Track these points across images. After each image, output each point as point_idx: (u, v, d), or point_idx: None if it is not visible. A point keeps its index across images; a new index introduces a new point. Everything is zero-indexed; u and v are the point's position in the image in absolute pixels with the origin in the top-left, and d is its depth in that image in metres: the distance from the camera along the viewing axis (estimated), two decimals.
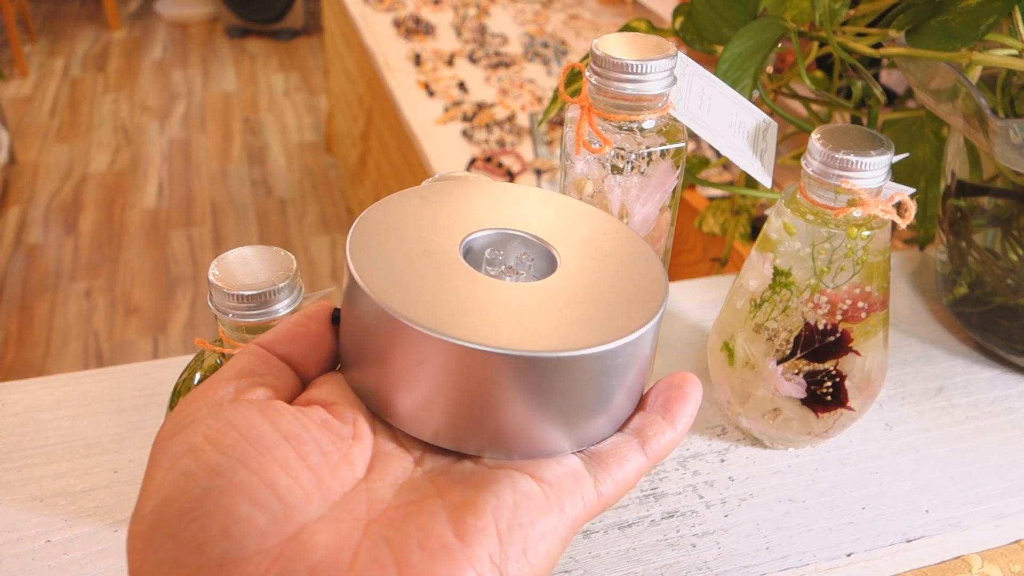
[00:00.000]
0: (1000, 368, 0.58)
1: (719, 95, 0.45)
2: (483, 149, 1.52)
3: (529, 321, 0.25)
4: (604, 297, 0.27)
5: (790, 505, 0.47)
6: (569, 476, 0.26)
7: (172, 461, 0.24)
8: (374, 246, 0.27)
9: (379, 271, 0.26)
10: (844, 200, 0.42)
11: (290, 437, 0.25)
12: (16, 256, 2.22)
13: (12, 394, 0.51)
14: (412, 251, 0.28)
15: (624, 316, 0.26)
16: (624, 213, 0.42)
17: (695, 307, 0.61)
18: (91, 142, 2.74)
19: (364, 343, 0.27)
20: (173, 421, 0.25)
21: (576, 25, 2.09)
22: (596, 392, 0.26)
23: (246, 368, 0.27)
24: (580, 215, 0.31)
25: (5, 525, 0.43)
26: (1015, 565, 0.46)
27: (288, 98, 3.10)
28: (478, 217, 0.30)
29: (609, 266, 0.29)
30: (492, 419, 0.25)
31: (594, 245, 0.30)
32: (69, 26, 3.57)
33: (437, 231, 0.29)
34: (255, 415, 0.25)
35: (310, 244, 2.32)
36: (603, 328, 0.26)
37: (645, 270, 0.29)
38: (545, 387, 0.25)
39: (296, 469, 0.24)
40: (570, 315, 0.26)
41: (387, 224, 0.29)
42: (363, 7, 2.09)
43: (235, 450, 0.24)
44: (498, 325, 0.25)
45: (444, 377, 0.25)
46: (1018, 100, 0.52)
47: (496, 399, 0.25)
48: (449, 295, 0.26)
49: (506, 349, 0.24)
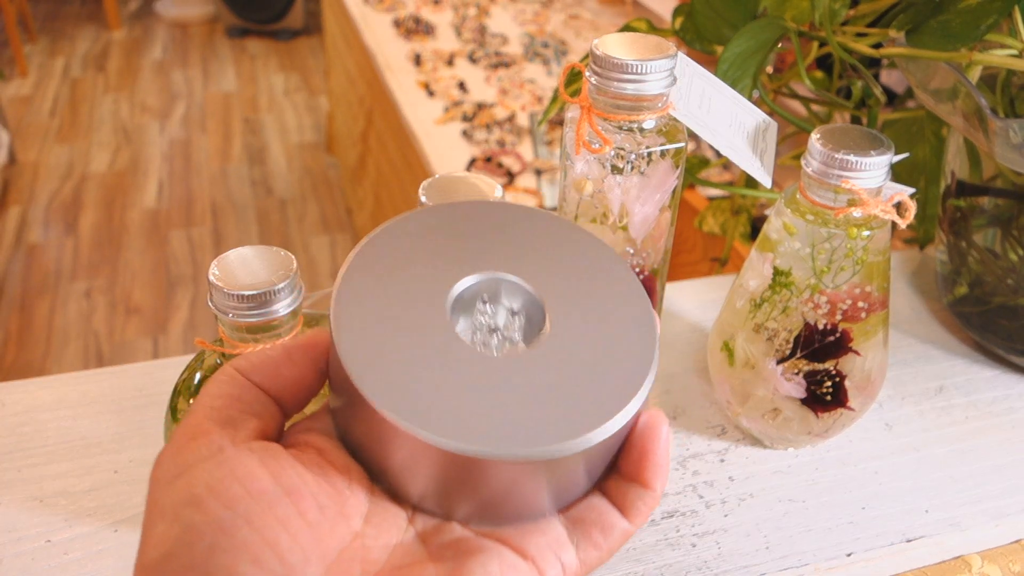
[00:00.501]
0: (1000, 368, 0.58)
1: (719, 95, 0.45)
2: (483, 149, 1.52)
3: (514, 413, 0.25)
4: (590, 375, 0.26)
5: (790, 505, 0.47)
6: (552, 548, 0.27)
7: (175, 511, 0.24)
8: (361, 298, 0.27)
9: (361, 337, 0.26)
10: (844, 200, 0.42)
11: (290, 492, 0.25)
12: (16, 256, 2.22)
13: (12, 394, 0.51)
14: (399, 306, 0.27)
15: (609, 400, 0.26)
16: (624, 213, 0.42)
17: (695, 307, 0.61)
18: (91, 142, 2.74)
19: (345, 411, 0.27)
20: (172, 462, 0.25)
21: (576, 25, 2.09)
22: (579, 471, 0.27)
23: (232, 395, 0.27)
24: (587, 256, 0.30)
25: (5, 525, 0.43)
26: (1015, 565, 0.46)
27: (288, 98, 3.10)
28: (472, 256, 0.29)
29: (599, 337, 0.28)
30: (475, 500, 0.26)
31: (588, 303, 0.29)
32: (69, 26, 3.57)
33: (428, 276, 0.28)
34: (257, 466, 0.25)
35: (310, 244, 2.32)
36: (587, 417, 0.25)
37: (637, 338, 0.28)
38: (528, 477, 0.25)
39: (296, 527, 0.24)
40: (554, 403, 0.25)
41: (377, 267, 0.28)
42: (363, 7, 2.09)
43: (239, 505, 0.24)
44: (483, 421, 0.25)
45: (427, 468, 0.25)
46: (1018, 100, 0.52)
47: (479, 488, 0.25)
48: (435, 380, 0.25)
49: (491, 453, 0.24)
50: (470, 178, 0.41)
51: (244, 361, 0.28)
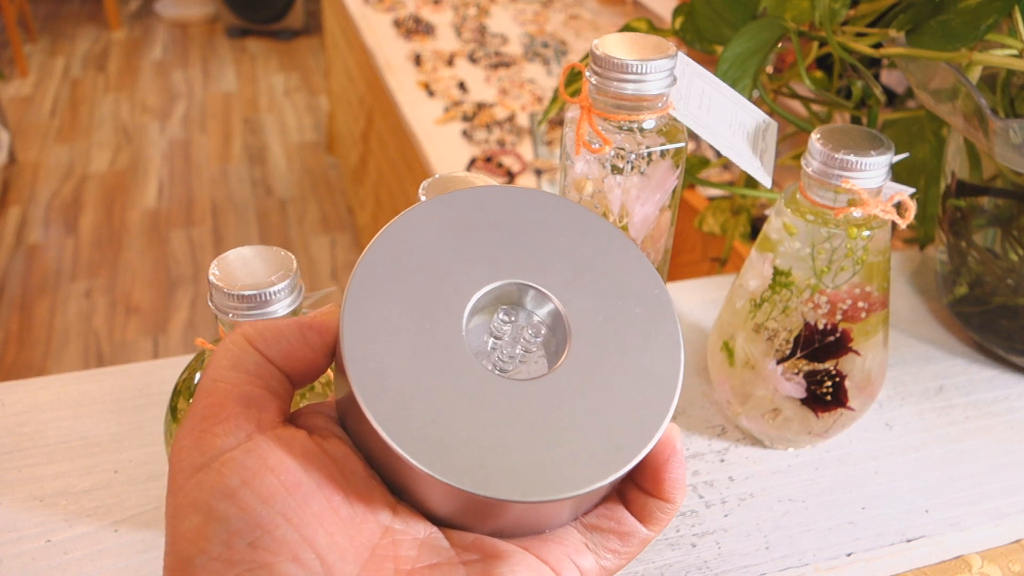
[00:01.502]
0: (1000, 368, 0.58)
1: (719, 95, 0.45)
2: (483, 149, 1.52)
3: (521, 449, 0.24)
4: (614, 405, 0.25)
5: (790, 505, 0.47)
6: (570, 555, 0.27)
7: (208, 503, 0.23)
8: (372, 309, 0.25)
9: (373, 359, 0.25)
10: (844, 200, 0.42)
11: (323, 485, 0.24)
12: (16, 256, 2.22)
13: (12, 394, 0.51)
14: (412, 320, 0.25)
15: (633, 433, 0.25)
16: (624, 213, 0.42)
17: (695, 307, 0.61)
18: (91, 142, 2.74)
19: (361, 439, 0.26)
20: (198, 448, 0.24)
21: (576, 25, 2.09)
22: (592, 501, 0.27)
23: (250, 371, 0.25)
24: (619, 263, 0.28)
25: (5, 525, 0.43)
26: (1015, 565, 0.46)
27: (288, 98, 3.10)
28: (492, 259, 0.27)
29: (621, 364, 0.26)
30: (494, 527, 0.26)
31: (613, 316, 0.27)
32: (69, 26, 3.57)
33: (443, 283, 0.26)
34: (287, 458, 0.24)
35: (310, 244, 2.32)
36: (611, 454, 0.25)
37: (659, 368, 0.26)
38: (548, 512, 0.25)
39: (331, 523, 0.24)
40: (577, 438, 0.25)
41: (389, 271, 0.26)
42: (363, 7, 2.09)
43: (275, 500, 0.23)
44: (504, 462, 0.24)
45: (443, 503, 0.25)
46: (1018, 100, 0.52)
47: (498, 521, 0.25)
48: (443, 405, 0.24)
49: (494, 494, 0.23)
50: (470, 178, 0.41)
51: (252, 331, 0.26)
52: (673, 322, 0.28)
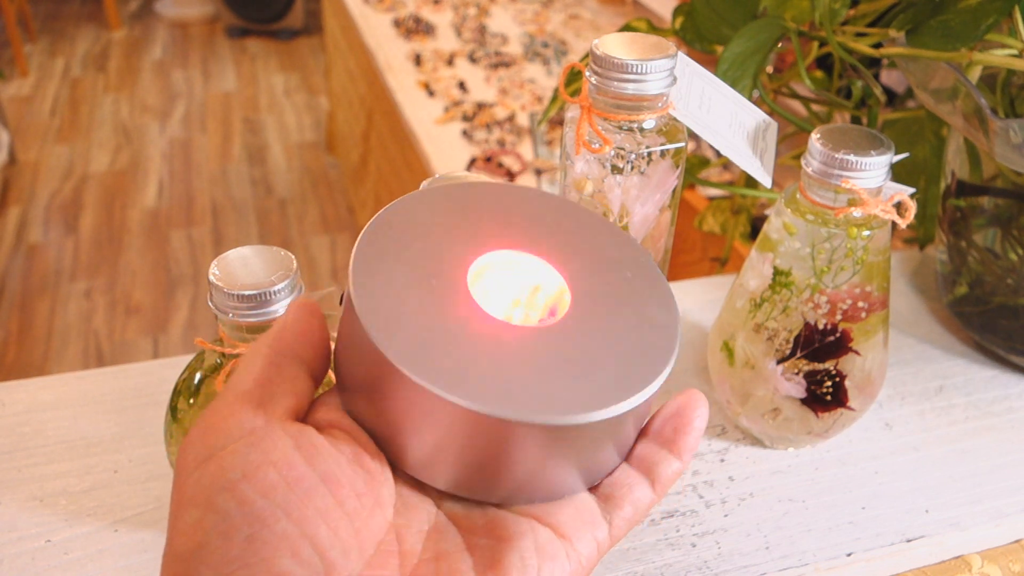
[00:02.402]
0: (1000, 368, 0.58)
1: (719, 95, 0.45)
2: (483, 149, 1.52)
3: (536, 378, 0.25)
4: (614, 349, 0.26)
5: (790, 505, 0.47)
6: (585, 523, 0.26)
7: (208, 497, 0.23)
8: (378, 267, 0.26)
9: (383, 307, 0.25)
10: (844, 200, 0.42)
11: (327, 479, 0.24)
12: (16, 256, 2.22)
13: (12, 394, 0.51)
14: (418, 277, 0.26)
15: (634, 372, 0.26)
16: (624, 213, 0.42)
17: (695, 307, 0.61)
18: (91, 142, 2.74)
19: (366, 385, 0.26)
20: (202, 443, 0.24)
21: (576, 25, 2.09)
22: (607, 444, 0.26)
23: (264, 375, 0.26)
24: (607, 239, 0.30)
25: (5, 525, 0.43)
26: (1015, 565, 0.46)
27: (288, 98, 3.10)
28: (491, 233, 0.29)
29: (623, 313, 0.28)
30: (506, 475, 0.25)
31: (612, 283, 0.29)
32: (69, 26, 3.57)
33: (446, 250, 0.27)
34: (292, 451, 0.24)
35: (310, 244, 2.32)
36: (612, 388, 0.25)
37: (659, 321, 0.28)
38: (556, 447, 0.25)
39: (335, 518, 0.23)
40: (584, 372, 0.25)
41: (394, 238, 0.27)
42: (363, 7, 2.09)
43: (276, 494, 0.23)
44: (508, 384, 0.24)
45: (459, 439, 0.24)
46: (1018, 100, 0.52)
47: (510, 460, 0.25)
48: (456, 342, 0.25)
49: (515, 415, 0.23)
50: (470, 178, 0.41)
51: (274, 332, 0.27)
52: (664, 282, 0.29)
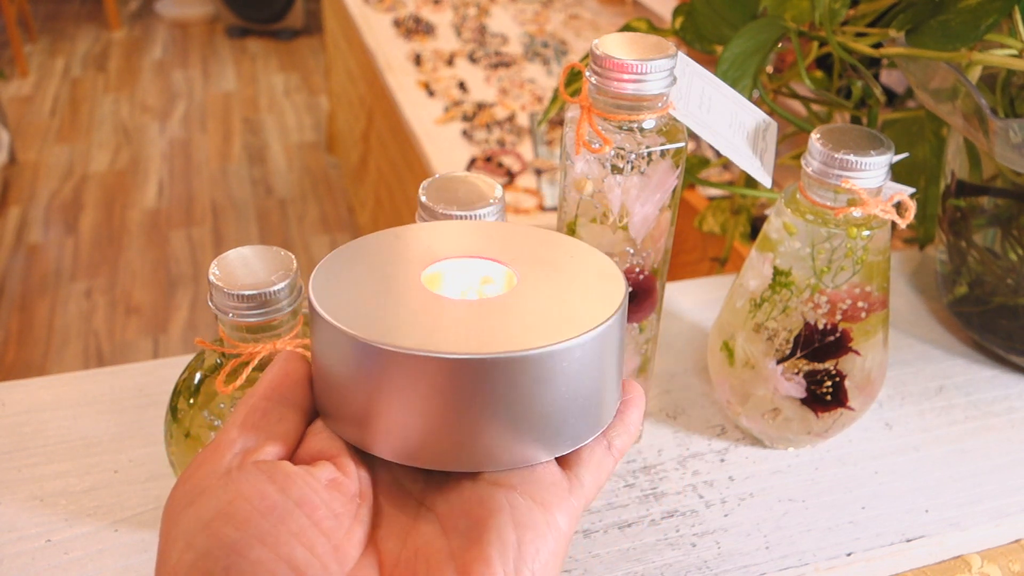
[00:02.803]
0: (1000, 368, 0.58)
1: (719, 95, 0.45)
2: (483, 149, 1.52)
3: (495, 329, 0.26)
4: (565, 302, 0.28)
5: (790, 505, 0.47)
6: (561, 488, 0.27)
7: (187, 539, 0.24)
8: (336, 281, 0.28)
9: (341, 301, 0.27)
10: (844, 200, 0.42)
11: (302, 503, 0.25)
12: (16, 256, 2.22)
13: (12, 394, 0.51)
14: (373, 279, 0.29)
15: (587, 315, 0.27)
16: (624, 213, 0.42)
17: (695, 307, 0.61)
18: (91, 142, 2.74)
19: (337, 378, 0.27)
20: (183, 490, 0.25)
21: (576, 25, 2.09)
22: (571, 391, 0.27)
23: (248, 422, 0.27)
24: (548, 242, 0.32)
25: (5, 525, 0.43)
26: (1015, 565, 0.46)
27: (288, 98, 3.10)
28: (442, 248, 0.31)
29: (567, 276, 0.30)
30: (472, 431, 0.26)
31: (554, 262, 0.31)
32: (69, 26, 3.57)
33: (399, 262, 0.30)
34: (264, 483, 0.25)
35: (310, 244, 2.32)
36: (569, 325, 0.27)
37: (603, 274, 0.30)
38: (513, 391, 0.26)
39: (311, 537, 0.24)
40: (534, 319, 0.27)
41: (350, 261, 0.30)
42: (363, 7, 2.09)
43: (250, 525, 0.24)
44: (466, 335, 0.26)
45: (417, 393, 0.26)
46: (1018, 100, 0.52)
47: (474, 407, 0.26)
48: (411, 315, 0.27)
49: (476, 354, 0.25)
50: (470, 178, 0.41)
51: (262, 383, 0.28)
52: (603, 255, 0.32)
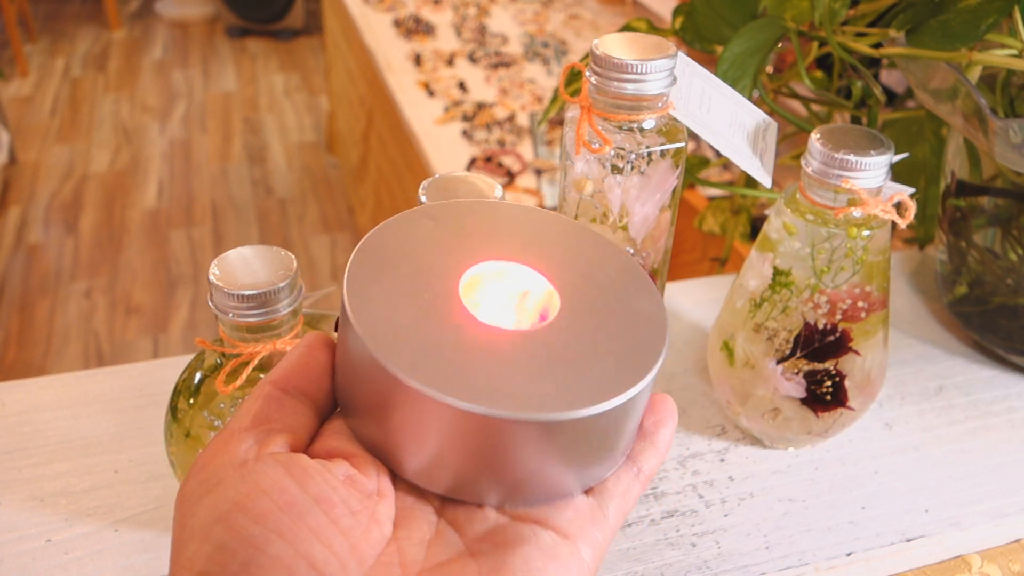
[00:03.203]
0: (999, 368, 0.58)
1: (719, 95, 0.45)
2: (483, 149, 1.52)
3: (535, 382, 0.25)
4: (604, 345, 0.27)
5: (790, 504, 0.47)
6: (586, 520, 0.27)
7: (204, 530, 0.23)
8: (372, 282, 0.27)
9: (377, 316, 0.26)
10: (844, 200, 0.42)
11: (320, 500, 0.24)
12: (16, 256, 2.22)
13: (12, 394, 0.51)
14: (411, 288, 0.27)
15: (625, 367, 0.26)
16: (624, 213, 0.42)
17: (695, 307, 0.61)
18: (91, 142, 2.74)
19: (365, 396, 0.26)
20: (197, 479, 0.25)
21: (576, 25, 2.09)
22: (604, 442, 0.27)
23: (262, 413, 0.27)
24: (590, 246, 0.31)
25: (5, 525, 0.43)
26: (1015, 564, 0.46)
27: (288, 98, 3.10)
28: (479, 247, 0.29)
29: (610, 304, 0.29)
30: (505, 474, 0.26)
31: (598, 285, 0.29)
32: (69, 26, 3.57)
33: (437, 262, 0.28)
34: (283, 476, 0.24)
35: (310, 244, 2.32)
36: (604, 384, 0.26)
37: (647, 316, 0.29)
38: (551, 445, 0.25)
39: (329, 536, 0.24)
40: (575, 371, 0.26)
41: (386, 254, 0.28)
42: (363, 7, 2.09)
43: (268, 519, 0.23)
44: (502, 383, 0.25)
45: (451, 438, 0.25)
46: (1018, 100, 0.52)
47: (509, 459, 0.25)
48: (450, 346, 0.25)
49: (509, 414, 0.24)
50: (470, 178, 0.41)
51: (278, 370, 0.28)
52: (646, 277, 0.30)
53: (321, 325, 0.44)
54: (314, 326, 0.42)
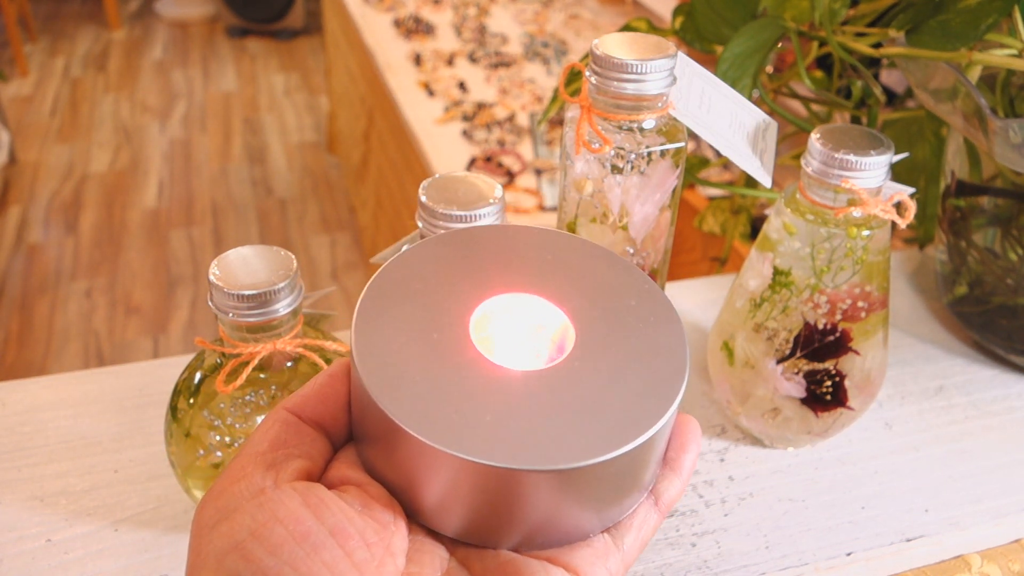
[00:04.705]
0: (999, 368, 0.58)
1: (719, 95, 0.45)
2: (483, 149, 1.52)
3: (544, 422, 0.24)
4: (622, 383, 0.26)
5: (790, 504, 0.47)
6: (599, 556, 0.26)
7: (218, 558, 0.23)
8: (382, 321, 0.26)
9: (383, 358, 0.25)
10: (844, 200, 0.42)
11: (336, 532, 0.24)
12: (16, 256, 2.22)
13: (13, 394, 0.51)
14: (421, 327, 0.26)
15: (642, 406, 0.25)
16: (624, 213, 0.42)
17: (695, 307, 0.61)
18: (91, 142, 2.74)
19: (372, 437, 0.26)
20: (214, 506, 0.25)
21: (576, 25, 2.09)
22: (623, 482, 0.26)
23: (279, 439, 0.26)
24: (608, 270, 0.30)
25: (5, 524, 0.43)
26: (1014, 564, 0.46)
27: (288, 98, 3.10)
28: (495, 276, 0.29)
29: (629, 343, 0.27)
30: (518, 522, 0.25)
31: (616, 313, 0.28)
32: (69, 26, 3.57)
33: (449, 297, 0.28)
34: (299, 507, 0.24)
35: (310, 244, 2.32)
36: (620, 426, 0.25)
37: (666, 345, 0.27)
38: (566, 492, 0.25)
39: (343, 569, 0.24)
40: (591, 416, 0.25)
41: (398, 290, 0.27)
42: (363, 7, 2.09)
43: (283, 551, 0.23)
44: (511, 430, 0.24)
45: (461, 488, 0.25)
46: (1018, 100, 0.52)
47: (521, 509, 0.25)
48: (456, 390, 0.25)
49: (523, 465, 0.23)
50: (470, 178, 0.41)
51: (296, 397, 0.28)
52: (667, 304, 0.29)
53: (321, 325, 0.44)
54: (314, 326, 0.42)
